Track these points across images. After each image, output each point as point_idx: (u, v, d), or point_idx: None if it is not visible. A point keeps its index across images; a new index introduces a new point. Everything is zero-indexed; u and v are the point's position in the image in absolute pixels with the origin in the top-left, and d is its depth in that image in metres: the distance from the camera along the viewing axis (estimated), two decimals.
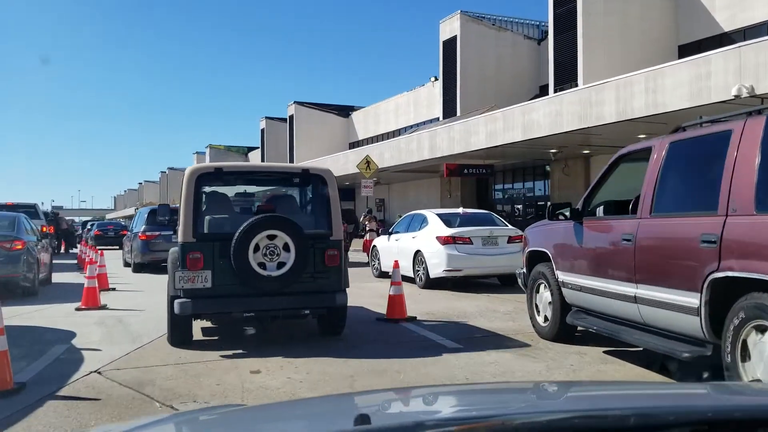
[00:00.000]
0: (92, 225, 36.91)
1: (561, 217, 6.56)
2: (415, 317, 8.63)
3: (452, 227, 12.19)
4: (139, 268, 16.88)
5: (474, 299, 10.79)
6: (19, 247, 11.13)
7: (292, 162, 46.02)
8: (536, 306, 7.21)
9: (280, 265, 6.57)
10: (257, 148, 57.50)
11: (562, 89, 25.18)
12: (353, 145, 44.79)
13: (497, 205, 31.75)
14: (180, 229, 6.72)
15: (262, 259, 6.54)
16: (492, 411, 1.65)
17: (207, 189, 7.31)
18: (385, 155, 30.59)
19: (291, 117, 48.31)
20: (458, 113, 32.51)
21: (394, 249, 13.65)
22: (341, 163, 35.57)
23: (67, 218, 31.45)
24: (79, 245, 23.75)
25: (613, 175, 6.34)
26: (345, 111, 48.10)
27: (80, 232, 39.05)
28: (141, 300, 11.01)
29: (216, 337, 7.73)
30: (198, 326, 7.76)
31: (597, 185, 6.38)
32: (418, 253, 12.50)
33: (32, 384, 5.40)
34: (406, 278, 13.20)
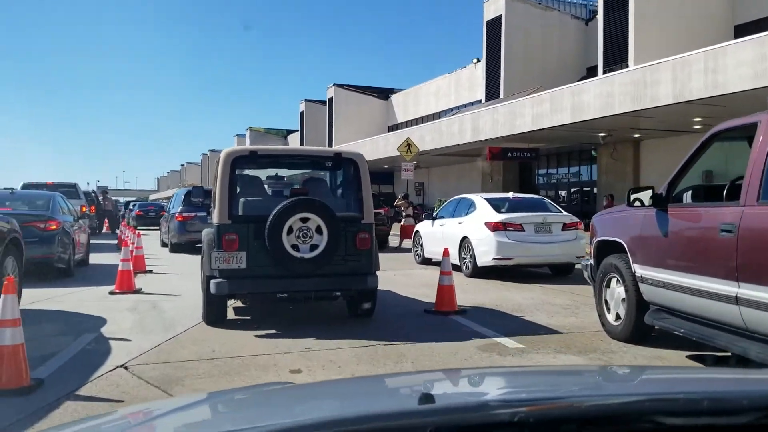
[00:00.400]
0: (134, 205, 36.93)
1: (637, 203, 5.75)
2: (466, 310, 7.92)
3: (502, 213, 11.40)
4: (175, 248, 17.10)
5: (526, 290, 10.02)
6: (54, 227, 10.72)
7: (331, 145, 45.49)
8: (606, 302, 6.42)
9: (313, 247, 6.63)
10: (296, 131, 57.12)
11: (611, 70, 23.99)
12: (392, 128, 43.98)
13: (540, 190, 30.68)
14: (216, 210, 6.76)
15: (296, 242, 6.60)
16: (560, 393, 1.60)
17: (242, 172, 7.40)
18: (426, 138, 29.78)
19: (330, 99, 47.71)
20: (501, 95, 31.51)
21: (438, 235, 12.92)
22: (381, 146, 34.88)
23: (111, 198, 31.35)
24: (120, 226, 23.57)
25: (703, 156, 5.48)
26: (384, 93, 47.31)
27: (123, 212, 39.19)
28: (177, 284, 10.52)
29: (248, 317, 7.69)
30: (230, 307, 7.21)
31: (685, 168, 5.56)
32: (464, 239, 11.75)
33: (51, 380, 4.85)
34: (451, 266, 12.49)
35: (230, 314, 7.45)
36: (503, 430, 1.14)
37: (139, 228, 32.24)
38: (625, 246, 6.00)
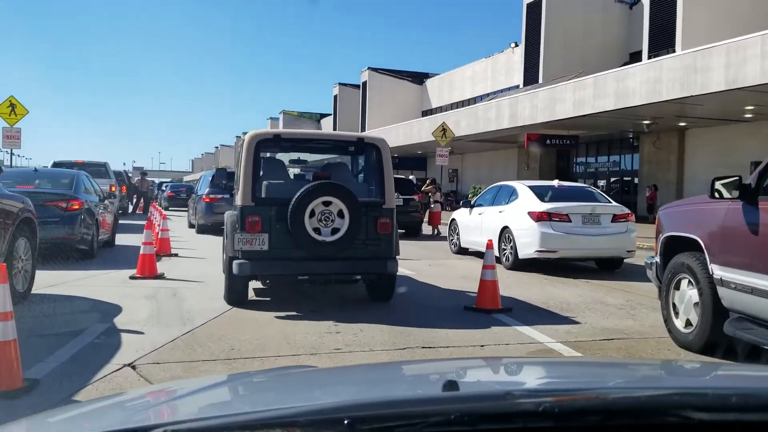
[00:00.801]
0: (166, 186, 36.75)
1: (717, 195, 4.95)
2: (511, 308, 7.18)
3: (547, 202, 10.59)
4: (202, 229, 16.95)
5: (573, 286, 9.23)
6: (76, 207, 10.22)
7: (364, 129, 44.80)
8: (674, 306, 5.63)
9: (335, 231, 6.62)
10: (330, 114, 56.49)
11: (656, 55, 22.82)
12: (426, 113, 43.07)
13: (578, 179, 29.63)
14: (239, 192, 6.77)
15: (317, 225, 6.60)
16: (586, 384, 1.56)
17: (265, 155, 7.40)
18: (461, 123, 28.88)
19: (364, 83, 46.94)
20: (540, 81, 30.43)
21: (476, 224, 12.16)
22: (415, 131, 34.08)
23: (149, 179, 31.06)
24: (150, 207, 23.23)
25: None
26: (419, 78, 46.36)
27: (156, 193, 39.10)
28: (202, 269, 9.96)
29: (268, 298, 7.68)
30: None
31: None
32: (505, 229, 10.97)
33: (48, 380, 4.26)
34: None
35: (251, 295, 7.45)
36: (527, 420, 1.11)
37: (170, 209, 32.11)
38: (702, 243, 5.20)
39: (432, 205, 18.23)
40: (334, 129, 51.54)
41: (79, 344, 5.29)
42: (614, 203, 11.33)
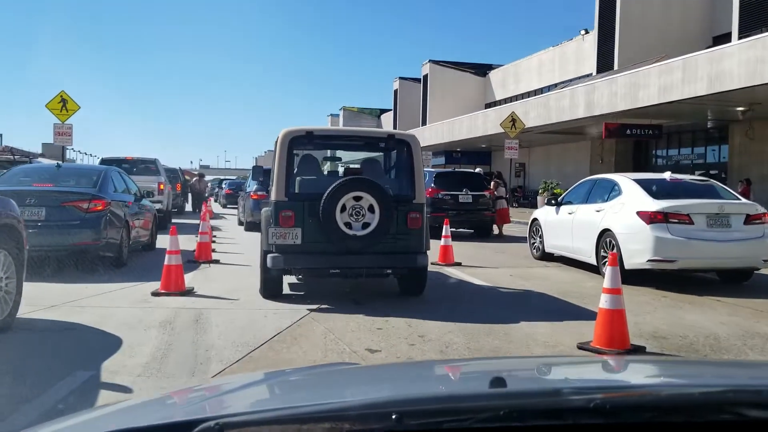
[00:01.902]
0: (225, 184, 35.63)
1: None
2: (643, 347, 5.12)
3: (660, 199, 8.38)
4: (250, 226, 15.77)
5: (706, 308, 7.04)
6: (99, 207, 8.64)
7: (425, 124, 42.78)
8: None
9: (365, 225, 6.60)
10: (390, 110, 54.66)
11: (747, 36, 19.97)
12: (489, 106, 40.63)
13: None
14: (273, 188, 6.81)
15: (348, 219, 6.59)
16: (635, 382, 1.55)
17: (298, 151, 7.37)
18: (531, 114, 26.50)
19: (425, 77, 44.82)
20: (615, 67, 27.76)
21: (565, 225, 10.03)
22: (479, 123, 31.86)
23: (207, 178, 29.90)
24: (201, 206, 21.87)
25: None
26: (482, 70, 43.93)
27: (216, 190, 38.15)
28: (241, 281, 8.23)
29: (302, 292, 7.52)
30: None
31: None
32: (605, 233, 8.82)
33: None
34: (581, 264, 9.59)
35: (286, 290, 7.31)
36: (578, 416, 1.07)
37: (228, 206, 30.95)
38: None
39: (497, 202, 15.97)
40: (394, 124, 49.69)
41: (40, 405, 3.58)
42: (745, 200, 9.03)
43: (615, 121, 22.99)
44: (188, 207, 25.63)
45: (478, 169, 19.59)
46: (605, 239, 8.82)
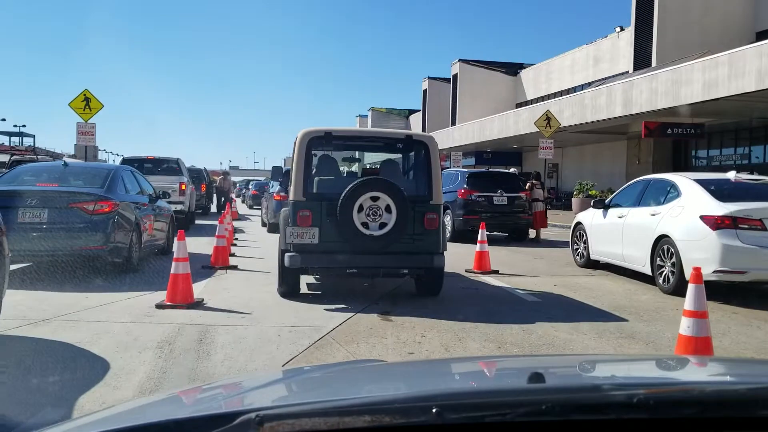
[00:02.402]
0: (252, 184, 35.03)
1: None
2: None
3: (726, 202, 7.36)
4: (273, 228, 15.07)
5: None
6: (106, 209, 7.91)
7: (454, 124, 41.77)
8: None
9: (382, 225, 6.55)
10: (419, 110, 53.73)
11: None
12: (520, 105, 39.46)
13: None
14: (291, 188, 6.78)
15: (365, 219, 6.54)
16: (678, 378, 1.50)
17: (317, 152, 7.37)
18: (565, 113, 25.36)
19: (455, 76, 43.79)
20: (653, 64, 26.50)
21: (614, 230, 9.04)
22: (511, 123, 30.78)
23: (236, 179, 29.31)
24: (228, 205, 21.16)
25: None
26: (513, 69, 42.73)
27: (244, 191, 37.64)
28: (258, 291, 7.44)
29: (320, 292, 7.23)
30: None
31: None
32: (662, 239, 7.82)
33: None
34: (631, 273, 8.59)
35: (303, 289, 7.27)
36: (620, 411, 1.03)
37: (254, 207, 30.31)
38: None
39: (534, 204, 14.89)
40: (423, 125, 48.76)
41: None
42: None
43: (655, 119, 21.77)
44: (213, 208, 25.02)
45: (513, 169, 18.50)
46: (662, 246, 7.82)
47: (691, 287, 4.30)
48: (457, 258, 11.14)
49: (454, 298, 7.20)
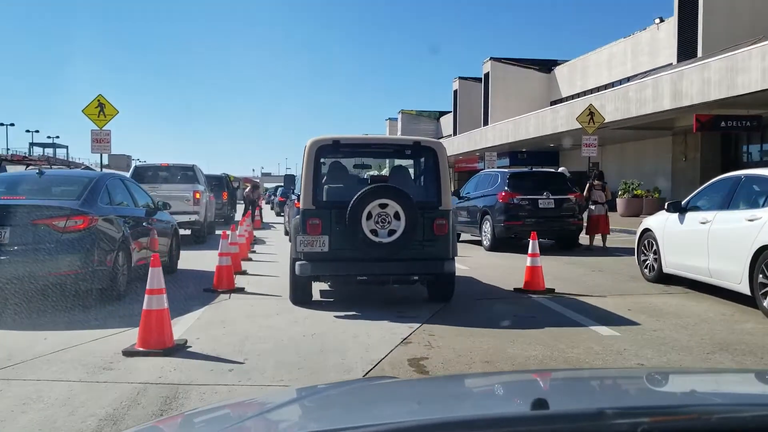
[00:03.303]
0: (279, 191, 33.73)
1: None
2: None
3: None
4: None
5: None
6: (81, 225, 6.49)
7: (486, 124, 39.93)
8: None
9: (391, 232, 6.43)
10: (449, 112, 51.98)
11: None
12: (555, 103, 37.47)
13: None
14: (301, 196, 6.71)
15: (375, 227, 6.42)
16: (684, 401, 1.42)
17: (325, 159, 7.35)
18: (607, 108, 23.41)
19: (486, 75, 41.96)
20: (699, 54, 24.44)
21: (695, 238, 7.30)
22: (547, 121, 28.92)
23: (269, 185, 27.99)
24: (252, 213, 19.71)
25: None
26: (547, 66, 40.69)
27: (272, 197, 36.40)
28: (256, 327, 5.93)
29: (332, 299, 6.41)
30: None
31: None
32: (764, 252, 6.08)
33: None
34: (717, 290, 6.83)
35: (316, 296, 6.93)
36: None
37: (281, 214, 28.95)
38: None
39: (591, 207, 13.00)
40: (454, 126, 47.02)
41: None
42: None
43: (708, 112, 19.76)
44: (238, 216, 23.68)
45: (562, 169, 16.50)
46: (766, 260, 6.08)
47: None
48: (502, 272, 9.52)
49: (511, 335, 5.52)
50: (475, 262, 10.91)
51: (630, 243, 15.38)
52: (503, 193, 12.34)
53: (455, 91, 47.45)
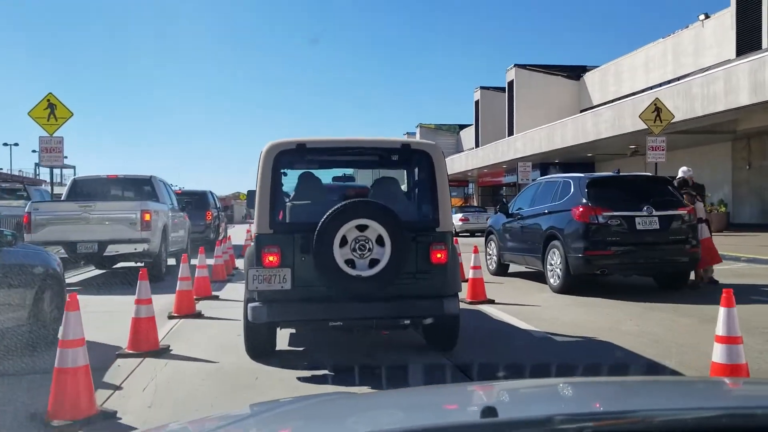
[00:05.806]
0: None
1: None
2: None
3: None
4: None
5: None
6: None
7: (511, 134, 36.02)
8: None
9: (373, 262, 4.95)
10: (470, 125, 48.05)
11: None
12: (585, 111, 33.31)
13: None
14: (255, 217, 5.22)
15: (351, 256, 4.95)
16: (629, 407, 1.40)
17: (288, 169, 6.12)
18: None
19: (510, 83, 38.15)
20: (764, 46, 20.35)
21: None
22: (588, 126, 24.95)
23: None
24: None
25: None
26: (575, 72, 36.89)
27: None
28: (193, 380, 3.07)
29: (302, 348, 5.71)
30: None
31: None
32: None
33: None
34: None
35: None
36: None
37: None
38: None
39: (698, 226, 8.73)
40: (476, 138, 43.13)
41: None
42: None
43: None
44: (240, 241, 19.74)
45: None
46: None
47: None
48: (584, 332, 5.57)
49: None
50: (540, 314, 6.94)
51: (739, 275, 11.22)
52: (581, 208, 8.27)
53: (476, 102, 43.77)
